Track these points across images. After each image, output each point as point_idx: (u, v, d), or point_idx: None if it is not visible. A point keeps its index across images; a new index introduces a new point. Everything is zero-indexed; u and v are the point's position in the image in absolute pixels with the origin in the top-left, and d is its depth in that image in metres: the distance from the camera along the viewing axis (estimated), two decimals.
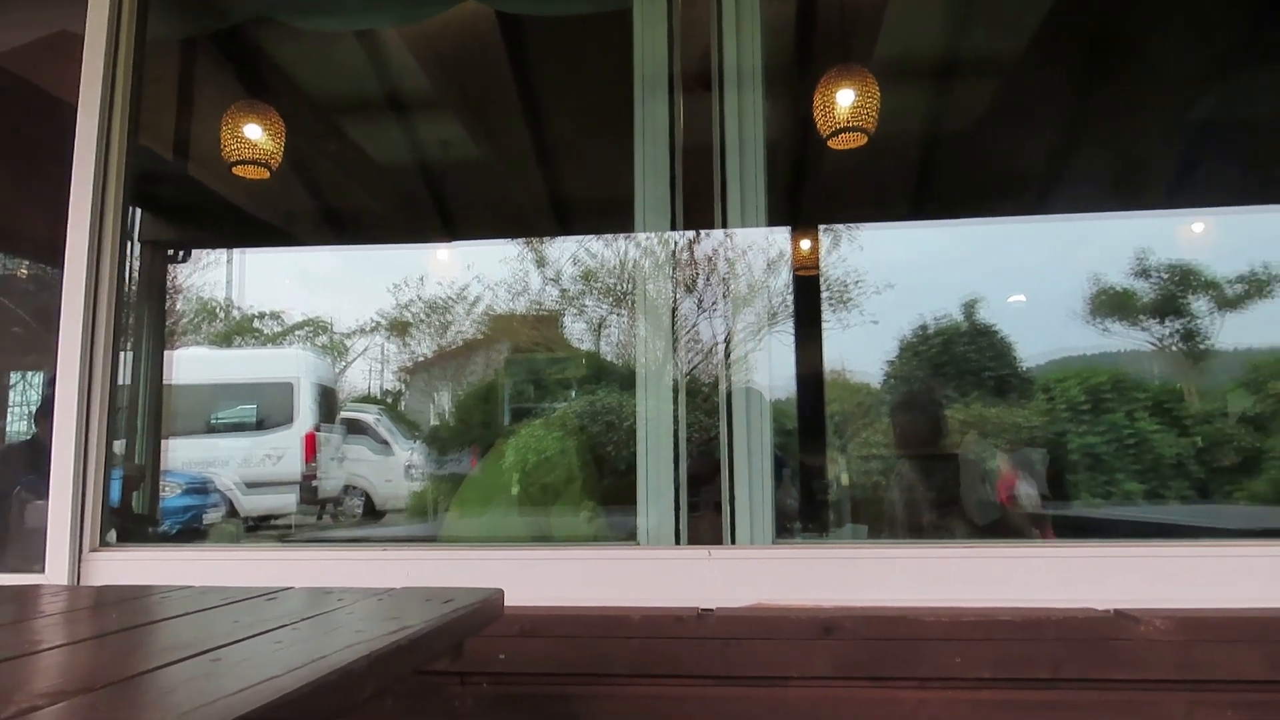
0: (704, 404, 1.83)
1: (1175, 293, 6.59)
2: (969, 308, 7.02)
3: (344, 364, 11.81)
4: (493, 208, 4.90)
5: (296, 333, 11.47)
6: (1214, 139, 3.99)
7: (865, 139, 3.19)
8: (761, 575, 1.63)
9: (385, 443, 9.19)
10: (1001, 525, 3.06)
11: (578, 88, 3.61)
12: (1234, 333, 6.50)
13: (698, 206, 1.78)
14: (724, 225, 1.74)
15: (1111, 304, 6.79)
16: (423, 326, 11.17)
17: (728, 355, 1.77)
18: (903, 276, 7.51)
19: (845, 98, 3.09)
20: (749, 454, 1.71)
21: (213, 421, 8.32)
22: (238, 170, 3.38)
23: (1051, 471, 5.39)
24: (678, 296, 1.84)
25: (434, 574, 1.71)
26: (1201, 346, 6.75)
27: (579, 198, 4.63)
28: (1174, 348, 6.89)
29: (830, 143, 3.22)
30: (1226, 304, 6.43)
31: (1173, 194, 4.70)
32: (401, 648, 0.83)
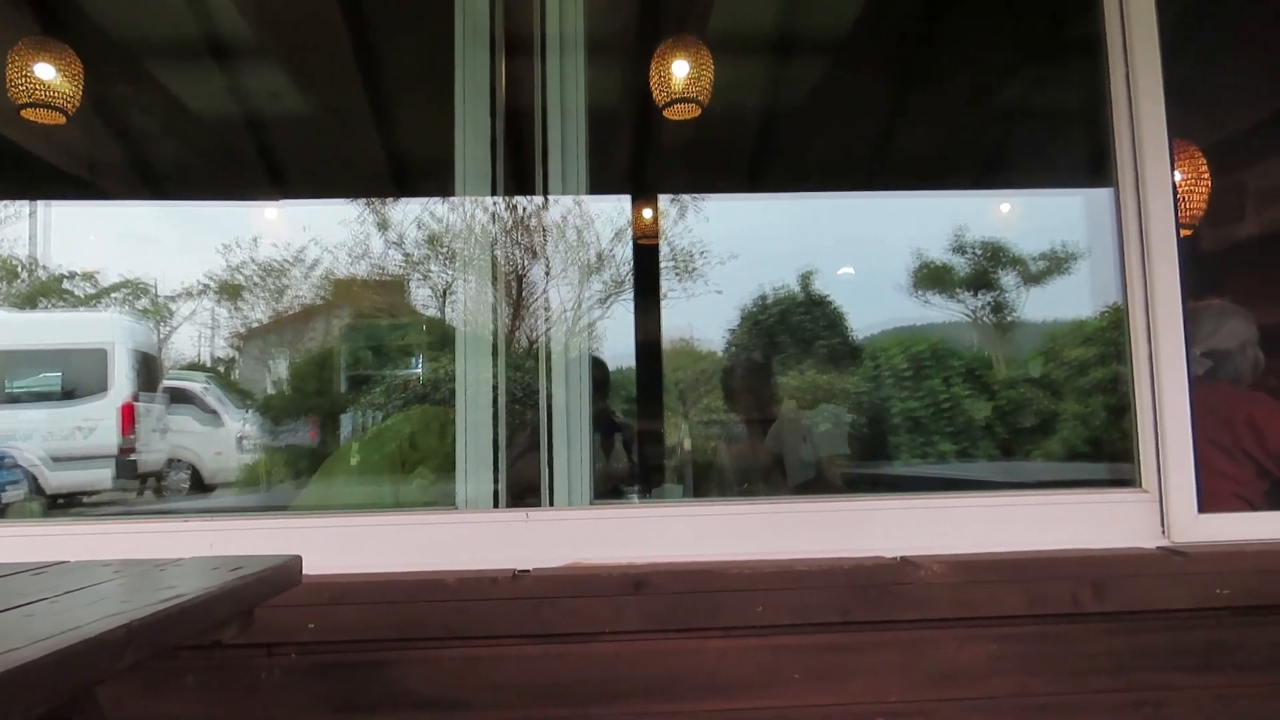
0: (531, 368, 1.84)
1: (987, 268, 7.14)
2: (805, 279, 7.34)
3: (169, 329, 11.03)
4: (325, 166, 4.70)
5: (113, 295, 10.59)
6: (1020, 125, 4.33)
7: (699, 110, 3.26)
8: (578, 536, 1.66)
9: (214, 413, 8.67)
10: (817, 483, 3.25)
11: (409, 43, 3.49)
12: (1037, 306, 7.13)
13: (519, 171, 1.77)
14: (545, 191, 1.75)
15: (932, 278, 7.28)
16: (257, 290, 10.57)
17: (548, 319, 1.79)
18: (746, 247, 7.75)
19: (679, 69, 3.15)
20: (568, 417, 1.74)
21: (10, 390, 7.57)
22: (27, 114, 3.09)
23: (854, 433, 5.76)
24: (501, 260, 1.83)
25: (242, 544, 1.64)
26: (1009, 318, 7.36)
27: (416, 158, 4.50)
28: (985, 319, 7.47)
29: (666, 112, 3.28)
30: (1031, 279, 7.02)
31: (986, 175, 5.06)
32: (169, 616, 0.81)
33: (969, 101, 4.07)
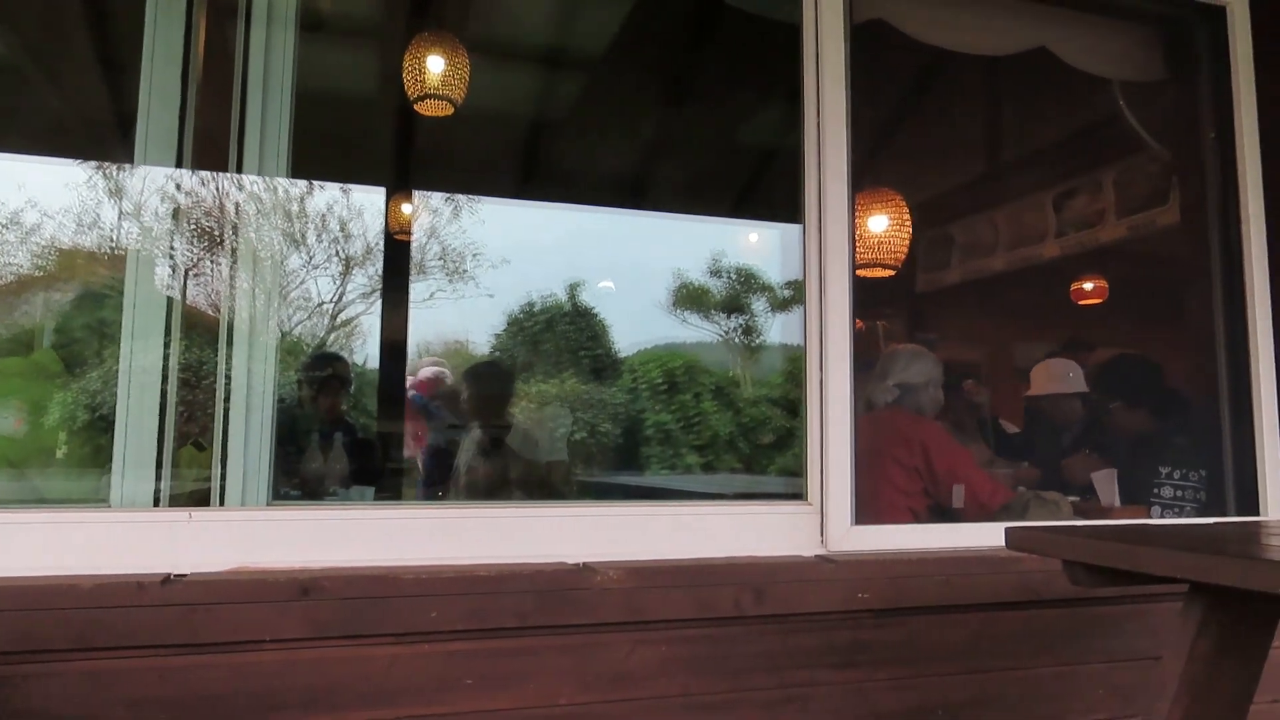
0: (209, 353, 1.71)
1: (740, 292, 7.57)
2: (572, 290, 7.44)
3: None
4: (35, 119, 4.15)
5: None
6: (764, 160, 4.63)
7: (453, 109, 3.22)
8: (249, 538, 1.56)
9: None
10: (549, 488, 3.29)
11: None
12: (782, 330, 7.65)
13: (212, 146, 1.65)
14: (239, 169, 1.64)
15: (690, 298, 7.61)
16: None
17: (232, 305, 1.67)
18: (518, 254, 7.71)
19: (433, 64, 3.09)
20: (247, 410, 1.64)
21: None
22: None
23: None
24: (190, 232, 1.70)
25: None
26: (757, 341, 7.84)
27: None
28: (736, 340, 7.92)
29: (417, 107, 3.20)
30: (779, 305, 7.52)
31: (738, 205, 5.37)
32: None
33: (719, 133, 4.30)
